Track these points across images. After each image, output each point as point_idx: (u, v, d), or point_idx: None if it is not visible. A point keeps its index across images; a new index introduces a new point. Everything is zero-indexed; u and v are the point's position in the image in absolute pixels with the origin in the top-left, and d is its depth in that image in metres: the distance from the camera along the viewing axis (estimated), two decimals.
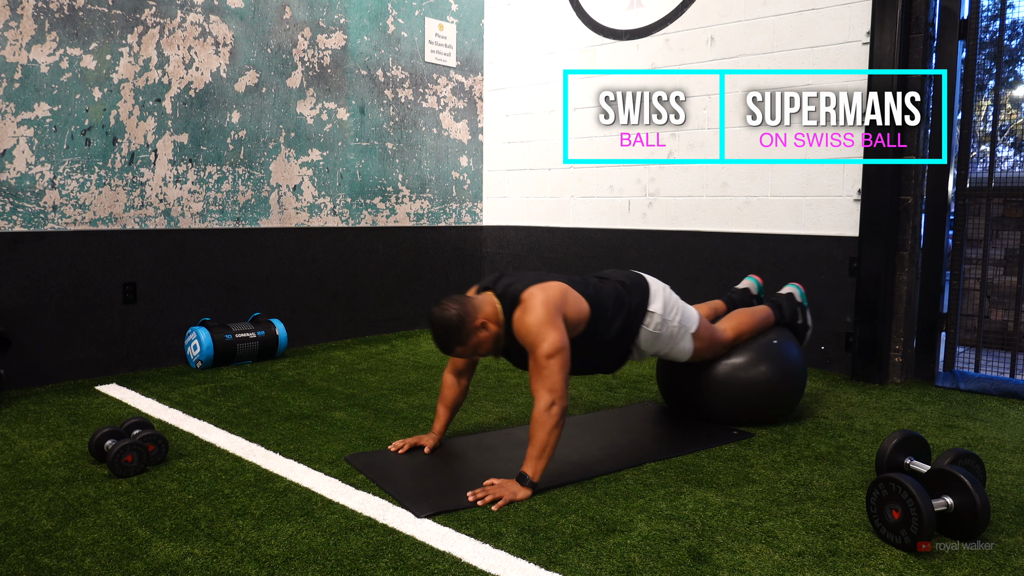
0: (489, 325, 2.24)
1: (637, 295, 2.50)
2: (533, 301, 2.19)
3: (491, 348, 2.29)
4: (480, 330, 2.23)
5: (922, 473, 2.02)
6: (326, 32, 4.27)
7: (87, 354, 3.47)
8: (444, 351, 2.25)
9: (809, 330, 3.03)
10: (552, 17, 4.81)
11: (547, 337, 2.14)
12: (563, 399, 2.12)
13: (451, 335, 2.20)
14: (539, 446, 2.10)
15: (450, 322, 2.19)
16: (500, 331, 2.27)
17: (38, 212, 3.29)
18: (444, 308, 2.21)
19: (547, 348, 2.13)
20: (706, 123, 4.14)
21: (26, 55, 3.20)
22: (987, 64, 3.70)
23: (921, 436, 2.15)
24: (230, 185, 3.92)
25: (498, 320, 2.26)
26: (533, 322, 2.16)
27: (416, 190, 4.82)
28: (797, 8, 3.77)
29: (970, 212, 3.52)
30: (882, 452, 2.12)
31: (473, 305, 2.24)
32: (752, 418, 2.78)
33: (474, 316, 2.21)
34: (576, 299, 2.31)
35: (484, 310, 2.25)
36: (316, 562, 1.72)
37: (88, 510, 2.00)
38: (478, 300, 2.27)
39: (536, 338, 2.15)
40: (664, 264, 4.33)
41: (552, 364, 2.12)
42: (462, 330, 2.20)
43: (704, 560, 1.74)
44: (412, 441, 2.49)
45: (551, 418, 2.10)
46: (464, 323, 2.20)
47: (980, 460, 2.05)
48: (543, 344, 2.13)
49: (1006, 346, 3.57)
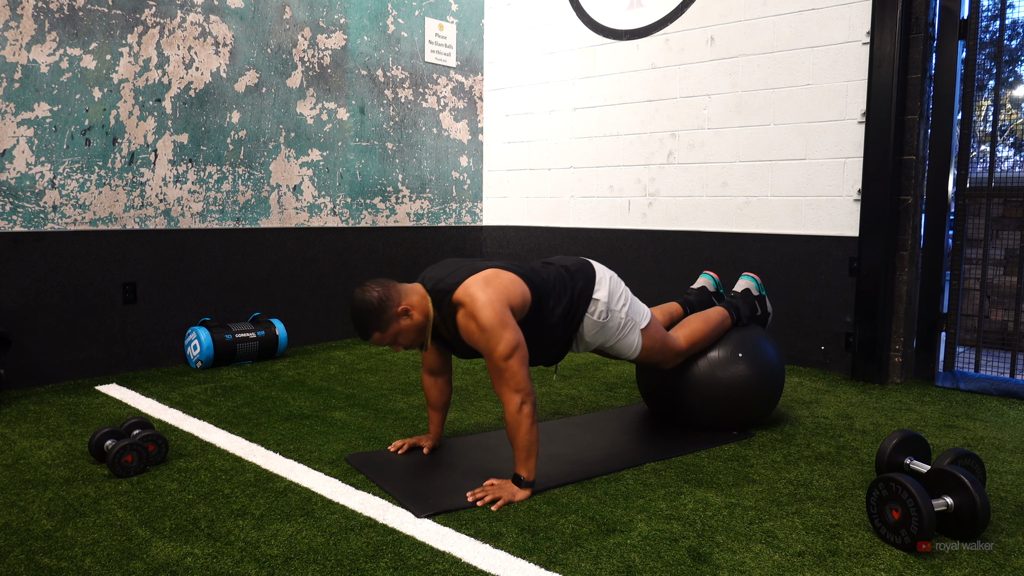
0: (413, 314, 2.12)
1: (582, 280, 2.37)
2: (477, 304, 2.06)
3: (413, 339, 2.16)
4: (402, 317, 2.11)
5: (922, 473, 2.02)
6: (326, 32, 4.27)
7: (87, 354, 3.47)
8: (361, 336, 2.13)
9: (770, 316, 2.95)
10: (552, 17, 4.81)
11: (501, 338, 2.04)
12: (531, 394, 2.07)
13: (369, 319, 2.08)
14: (523, 447, 2.07)
15: (370, 305, 2.07)
16: (425, 322, 2.15)
17: (38, 212, 3.29)
18: (366, 289, 2.10)
19: (503, 349, 2.04)
20: (706, 123, 4.14)
21: (26, 55, 3.20)
22: (987, 64, 3.70)
23: (921, 436, 2.15)
24: (230, 185, 3.92)
25: (425, 311, 2.15)
26: (484, 325, 2.05)
27: (416, 190, 4.82)
28: (797, 8, 3.77)
29: (970, 212, 3.53)
30: (882, 452, 2.12)
31: (398, 291, 2.12)
32: (730, 421, 2.70)
33: (397, 302, 2.10)
34: (518, 286, 2.18)
35: (410, 298, 2.13)
36: (316, 562, 1.72)
37: (88, 510, 2.00)
38: (405, 287, 2.16)
39: (490, 342, 2.05)
40: (664, 264, 4.33)
41: (512, 364, 2.04)
42: (383, 315, 2.08)
43: (704, 560, 1.74)
44: (412, 441, 2.49)
45: (525, 418, 2.05)
46: (385, 308, 2.08)
47: (980, 460, 2.06)
48: (499, 346, 2.04)
49: (1006, 346, 3.57)
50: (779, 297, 3.92)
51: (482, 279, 2.11)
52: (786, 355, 3.91)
